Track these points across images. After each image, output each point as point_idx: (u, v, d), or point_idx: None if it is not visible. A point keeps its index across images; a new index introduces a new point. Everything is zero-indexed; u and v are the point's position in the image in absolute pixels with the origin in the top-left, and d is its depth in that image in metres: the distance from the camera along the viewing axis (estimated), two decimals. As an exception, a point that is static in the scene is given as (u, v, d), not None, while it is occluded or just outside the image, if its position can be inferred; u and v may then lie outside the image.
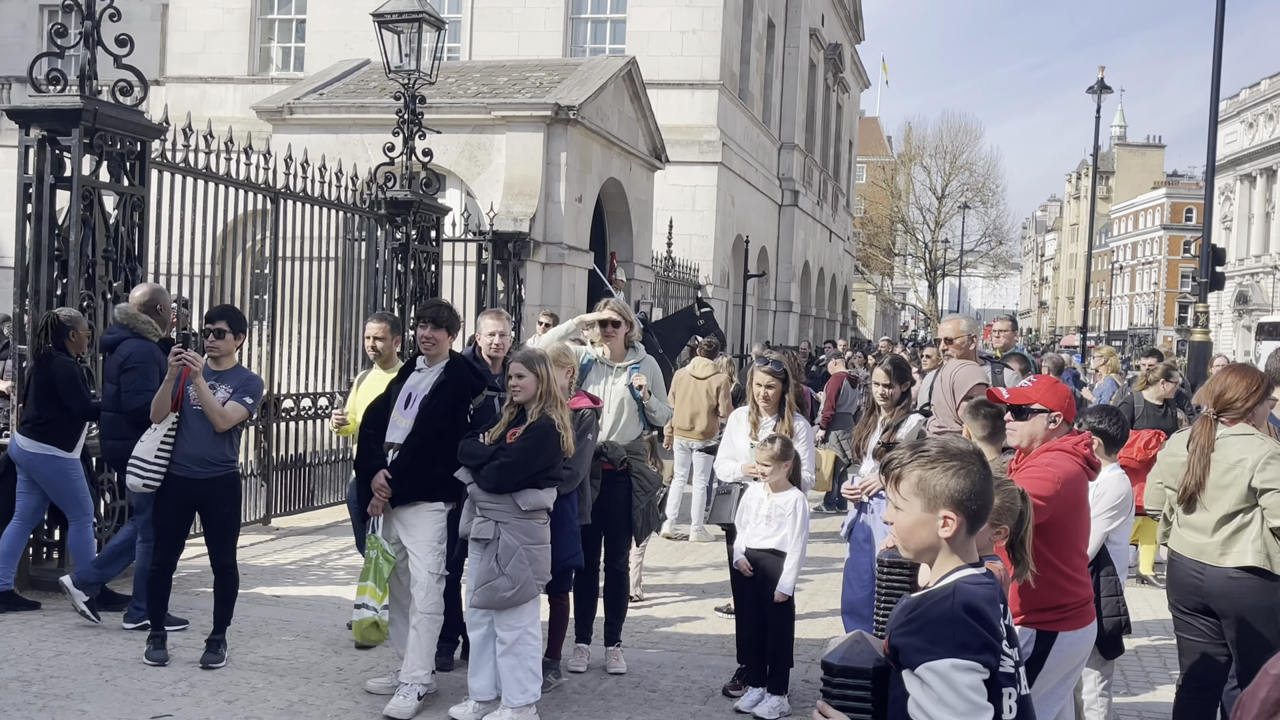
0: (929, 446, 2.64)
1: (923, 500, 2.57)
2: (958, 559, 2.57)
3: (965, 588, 2.48)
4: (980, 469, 2.59)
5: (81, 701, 5.71)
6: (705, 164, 24.89)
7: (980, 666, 2.37)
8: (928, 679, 2.36)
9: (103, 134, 8.01)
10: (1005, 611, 2.54)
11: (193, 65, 26.64)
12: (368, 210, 11.87)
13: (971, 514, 2.56)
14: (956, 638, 2.37)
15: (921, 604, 2.50)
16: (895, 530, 2.64)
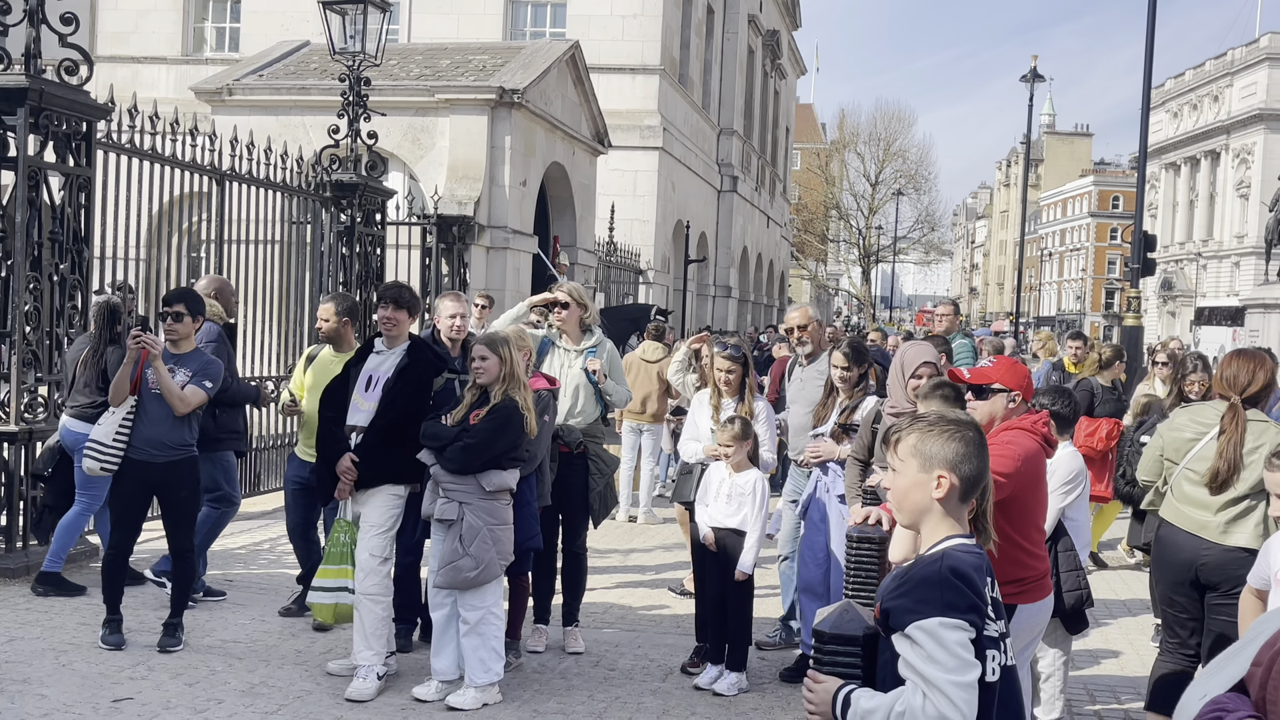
0: (928, 415, 2.78)
1: (918, 461, 2.68)
2: (948, 527, 2.67)
3: (953, 553, 2.59)
4: (975, 436, 2.70)
5: (40, 686, 5.66)
6: (646, 149, 24.94)
7: (966, 625, 2.47)
8: (917, 637, 2.46)
9: (49, 113, 7.90)
10: (993, 585, 2.63)
11: (124, 45, 26.14)
12: (313, 193, 11.79)
13: (965, 478, 2.67)
14: (944, 598, 2.47)
15: (911, 570, 2.61)
16: (891, 494, 2.75)
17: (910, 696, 2.46)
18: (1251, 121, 65.86)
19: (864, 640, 2.57)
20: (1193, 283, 71.78)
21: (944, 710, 2.41)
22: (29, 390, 7.94)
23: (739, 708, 5.90)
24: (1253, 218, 62.76)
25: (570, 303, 6.87)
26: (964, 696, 2.42)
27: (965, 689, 2.43)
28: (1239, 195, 67.45)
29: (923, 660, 2.44)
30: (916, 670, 2.45)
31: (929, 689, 2.43)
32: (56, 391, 8.13)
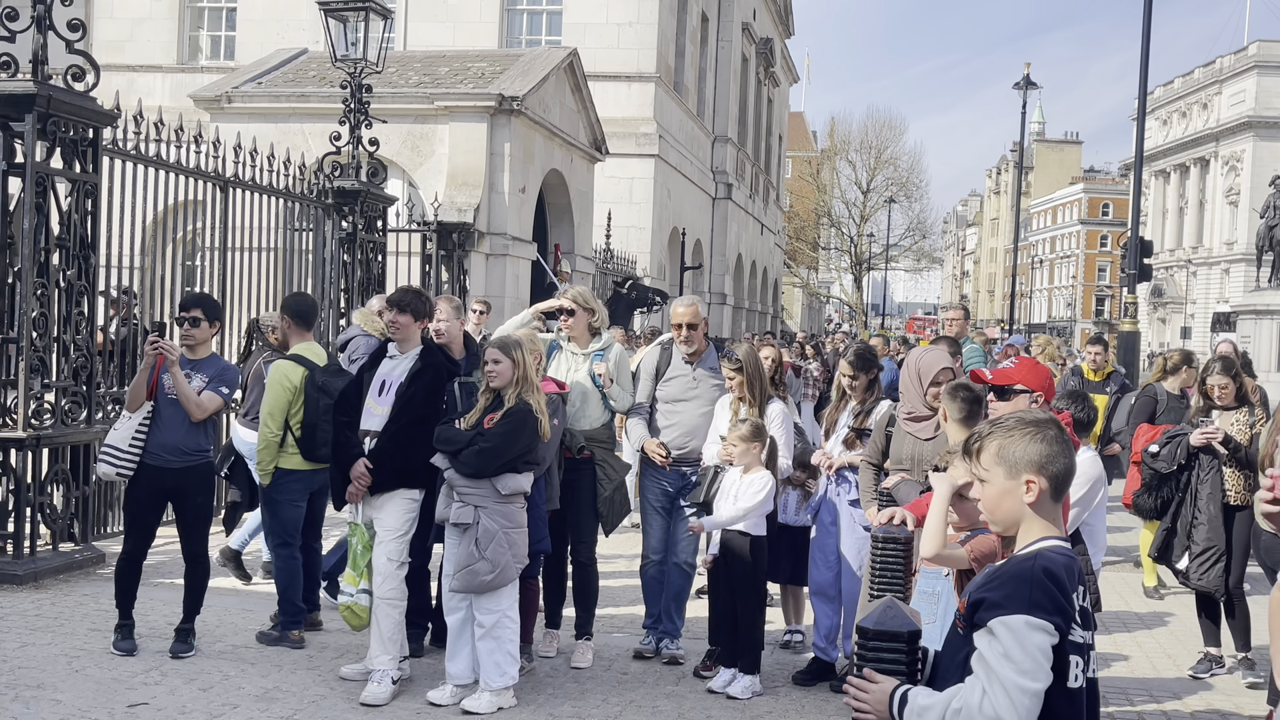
0: (1006, 418, 2.70)
1: (1004, 469, 2.62)
2: (1042, 528, 2.61)
3: (1047, 554, 2.54)
4: (1058, 434, 2.64)
5: (54, 692, 5.65)
6: (642, 156, 24.99)
7: (1051, 629, 2.41)
8: (999, 631, 2.41)
9: (56, 120, 7.91)
10: (1085, 594, 2.57)
11: (120, 53, 26.09)
12: (315, 199, 11.81)
13: (1053, 478, 2.61)
14: (1031, 596, 2.43)
15: (1005, 566, 2.56)
16: (983, 504, 2.67)
17: (968, 694, 2.41)
18: (1240, 129, 66.19)
19: (907, 637, 2.58)
20: (1183, 289, 72.05)
21: (1000, 711, 2.36)
22: (35, 397, 7.93)
23: (753, 711, 5.91)
24: (1242, 224, 63.06)
25: (576, 309, 6.88)
26: (1025, 702, 2.37)
27: (1029, 695, 2.37)
28: (1228, 202, 67.75)
29: (997, 656, 2.39)
30: (987, 663, 2.40)
31: (990, 684, 2.38)
32: (64, 398, 8.12)
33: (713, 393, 6.63)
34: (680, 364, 6.72)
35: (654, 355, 6.84)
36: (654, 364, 6.78)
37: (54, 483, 8.16)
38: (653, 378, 6.77)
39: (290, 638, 6.62)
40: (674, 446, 6.67)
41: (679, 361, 6.73)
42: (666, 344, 6.83)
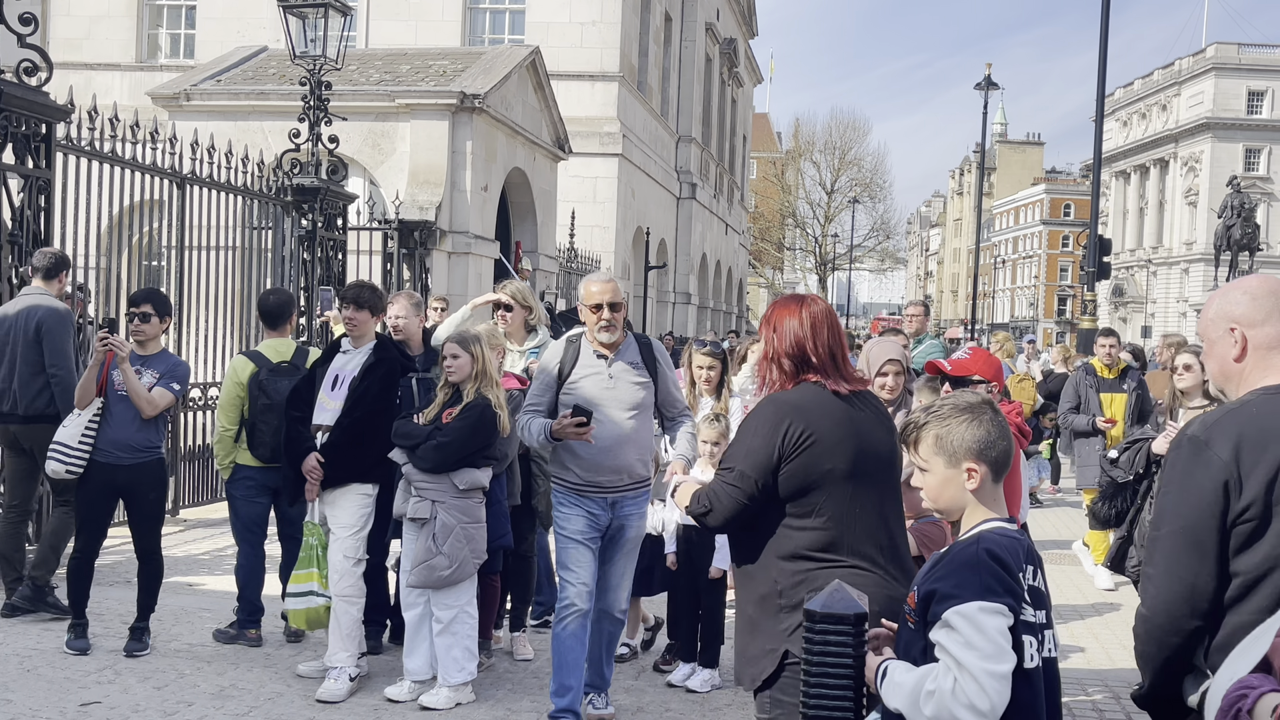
0: (940, 405, 2.69)
1: (944, 457, 2.63)
2: (984, 511, 2.63)
3: (988, 536, 2.55)
4: (993, 415, 2.64)
5: (5, 691, 5.59)
6: (606, 155, 24.98)
7: (1005, 610, 2.42)
8: (955, 622, 2.42)
9: (8, 114, 7.81)
10: (1035, 573, 2.57)
11: (77, 51, 25.81)
12: (274, 197, 11.72)
13: (993, 462, 2.61)
14: (981, 581, 2.43)
15: (949, 554, 2.57)
16: (925, 493, 2.68)
17: (941, 678, 2.43)
18: (1199, 130, 66.98)
19: (854, 619, 2.59)
20: (1143, 289, 72.83)
21: (973, 698, 2.37)
22: (-12, 395, 7.81)
23: (712, 704, 5.92)
24: (1201, 225, 63.85)
25: (514, 305, 6.87)
26: (995, 686, 2.38)
27: (998, 678, 2.38)
28: (1188, 203, 68.55)
29: (959, 645, 2.40)
30: (951, 654, 2.42)
31: (960, 673, 2.39)
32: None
33: (635, 393, 5.32)
34: (591, 359, 5.33)
35: (556, 351, 5.45)
36: (555, 362, 5.38)
37: (6, 482, 8.04)
38: (554, 380, 5.36)
39: (247, 635, 6.56)
40: (591, 467, 5.26)
41: (590, 356, 5.33)
42: (574, 337, 5.42)
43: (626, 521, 5.44)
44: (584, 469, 5.29)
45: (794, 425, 3.30)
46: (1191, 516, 2.58)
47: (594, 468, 5.29)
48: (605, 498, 5.34)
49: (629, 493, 5.41)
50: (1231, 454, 2.55)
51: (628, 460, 5.35)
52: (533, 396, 5.43)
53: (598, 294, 5.30)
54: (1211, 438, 2.59)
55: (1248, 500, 2.53)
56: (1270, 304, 2.65)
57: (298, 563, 6.00)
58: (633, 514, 5.47)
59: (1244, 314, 2.67)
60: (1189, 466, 2.61)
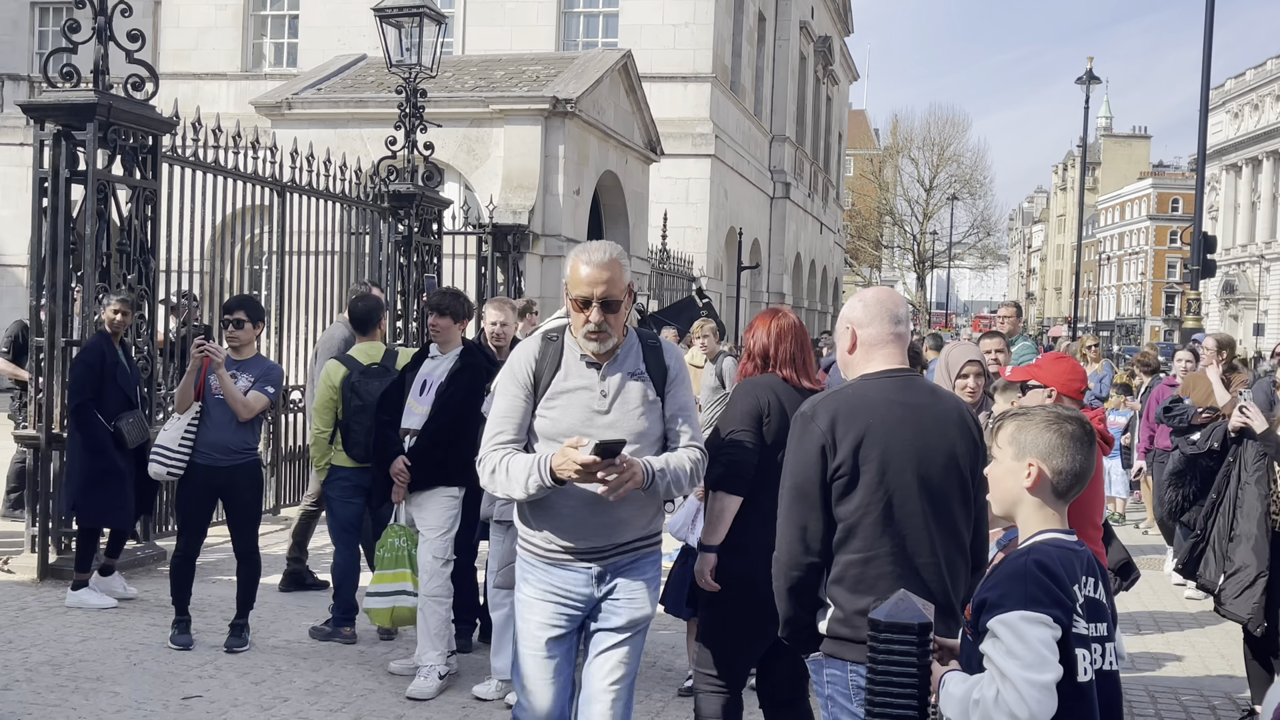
0: (1035, 407, 2.75)
1: (1014, 449, 2.67)
2: (1042, 520, 2.63)
3: (1041, 547, 2.56)
4: (1076, 431, 2.64)
5: (112, 684, 5.82)
6: (698, 157, 25.00)
7: (1050, 621, 2.43)
8: (998, 631, 2.44)
9: (116, 128, 8.11)
10: (1096, 585, 2.57)
11: (186, 62, 26.64)
12: (371, 203, 11.98)
13: (1057, 471, 2.62)
14: (1026, 591, 2.44)
15: (1001, 564, 2.59)
16: (990, 481, 2.74)
17: (985, 687, 2.45)
18: (1315, 121, 64.68)
19: (919, 629, 2.60)
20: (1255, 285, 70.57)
21: (1013, 707, 2.38)
22: (98, 398, 8.12)
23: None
24: (1317, 219, 61.61)
25: None
26: (1036, 696, 2.38)
27: (1040, 688, 2.39)
28: (1303, 196, 66.24)
29: (1001, 654, 2.43)
30: (995, 663, 2.44)
31: (1003, 683, 2.41)
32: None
33: (637, 417, 3.81)
34: (578, 367, 3.81)
35: (526, 352, 3.87)
36: (526, 368, 3.82)
37: (116, 482, 8.35)
38: (525, 396, 3.82)
39: (342, 633, 6.74)
40: (571, 526, 3.77)
41: (575, 363, 3.82)
42: (554, 333, 3.89)
43: (623, 600, 3.84)
44: (561, 528, 3.77)
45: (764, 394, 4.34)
46: (800, 475, 3.29)
47: (576, 526, 3.76)
48: (590, 568, 3.81)
49: (626, 557, 3.84)
50: (828, 425, 3.27)
51: (625, 513, 3.79)
52: (497, 421, 3.80)
53: (586, 282, 3.72)
54: (816, 413, 3.31)
55: (839, 460, 3.25)
56: (876, 310, 3.42)
57: (384, 563, 6.15)
58: (633, 589, 3.85)
59: (856, 317, 3.44)
60: (799, 435, 3.32)
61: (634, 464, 3.62)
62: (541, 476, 3.63)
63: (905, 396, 3.36)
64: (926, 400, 3.41)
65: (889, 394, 3.35)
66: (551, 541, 3.82)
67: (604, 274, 3.70)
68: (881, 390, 3.35)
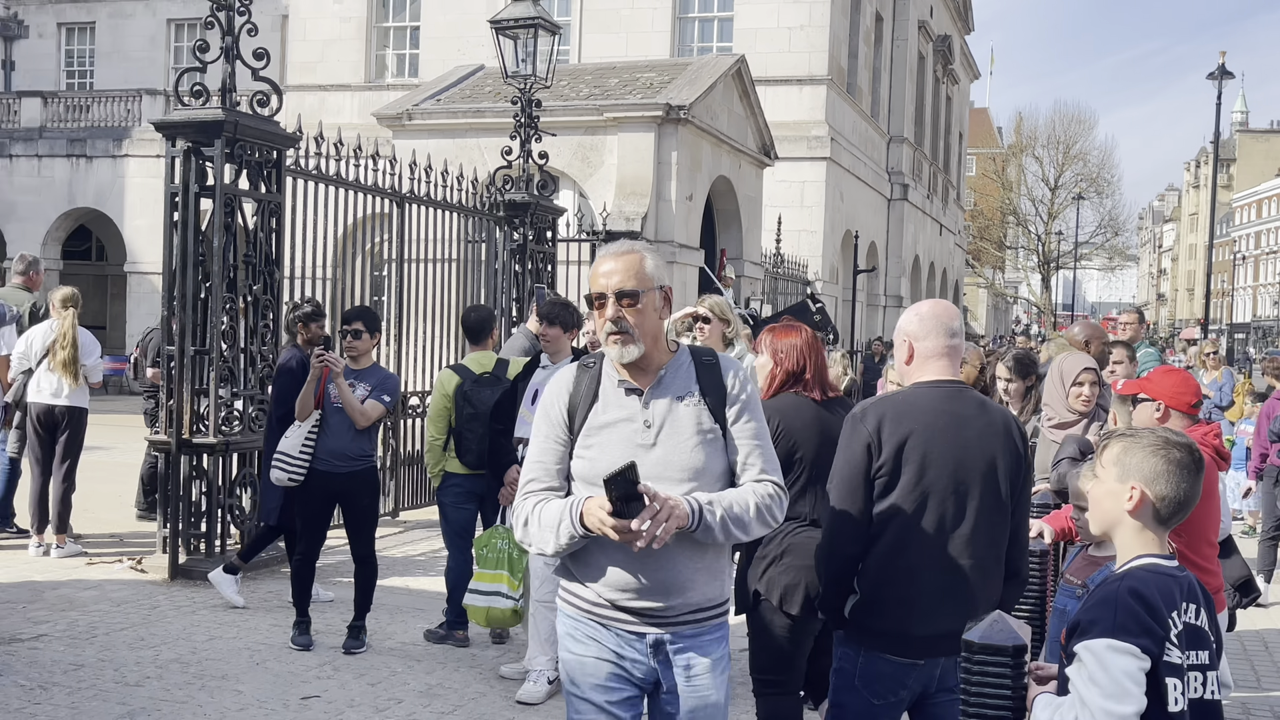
0: (1146, 429, 2.72)
1: (1117, 470, 2.63)
2: (1141, 544, 2.59)
3: (1137, 573, 2.52)
4: (1183, 458, 2.59)
5: (236, 682, 6.04)
6: (814, 159, 24.86)
7: (1138, 651, 2.39)
8: (1084, 657, 2.42)
9: (243, 144, 8.41)
10: (1199, 612, 2.52)
11: (311, 74, 27.45)
12: (487, 213, 12.20)
13: (1160, 497, 2.57)
14: (1115, 619, 2.41)
15: (1098, 589, 2.56)
16: (1090, 499, 2.72)
17: (1065, 712, 2.43)
18: None
19: (1013, 651, 2.58)
20: (1404, 285, 67.33)
21: None
22: (225, 405, 8.45)
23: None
24: None
25: (711, 318, 6.97)
26: None
27: (1117, 719, 2.36)
28: None
29: (1084, 681, 2.40)
30: (1077, 689, 2.42)
31: (1082, 710, 2.39)
32: (251, 406, 8.63)
33: (691, 452, 3.15)
34: (616, 395, 3.23)
35: (562, 383, 3.30)
36: (560, 402, 3.26)
37: (241, 485, 8.68)
38: (562, 432, 3.24)
39: (456, 636, 6.88)
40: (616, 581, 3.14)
41: (614, 390, 3.23)
42: (591, 360, 3.33)
43: (684, 678, 3.18)
44: (605, 582, 3.16)
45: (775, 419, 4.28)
46: (847, 470, 3.53)
47: (621, 582, 3.14)
48: (642, 635, 3.17)
49: (686, 627, 3.17)
50: (875, 426, 3.51)
51: (679, 571, 3.14)
52: (529, 467, 3.25)
53: (600, 275, 3.21)
54: (866, 414, 3.55)
55: (882, 459, 3.48)
56: (932, 323, 3.63)
57: (485, 561, 6.27)
58: (695, 672, 3.18)
59: (913, 330, 3.66)
60: (849, 435, 3.56)
61: (673, 500, 2.99)
62: (573, 524, 3.03)
63: (952, 406, 3.55)
64: (973, 411, 3.59)
65: (937, 402, 3.55)
66: (600, 596, 3.17)
67: (617, 263, 3.20)
68: (930, 399, 3.56)
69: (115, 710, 5.55)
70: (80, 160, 26.64)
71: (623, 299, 3.15)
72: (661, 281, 3.23)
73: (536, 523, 3.15)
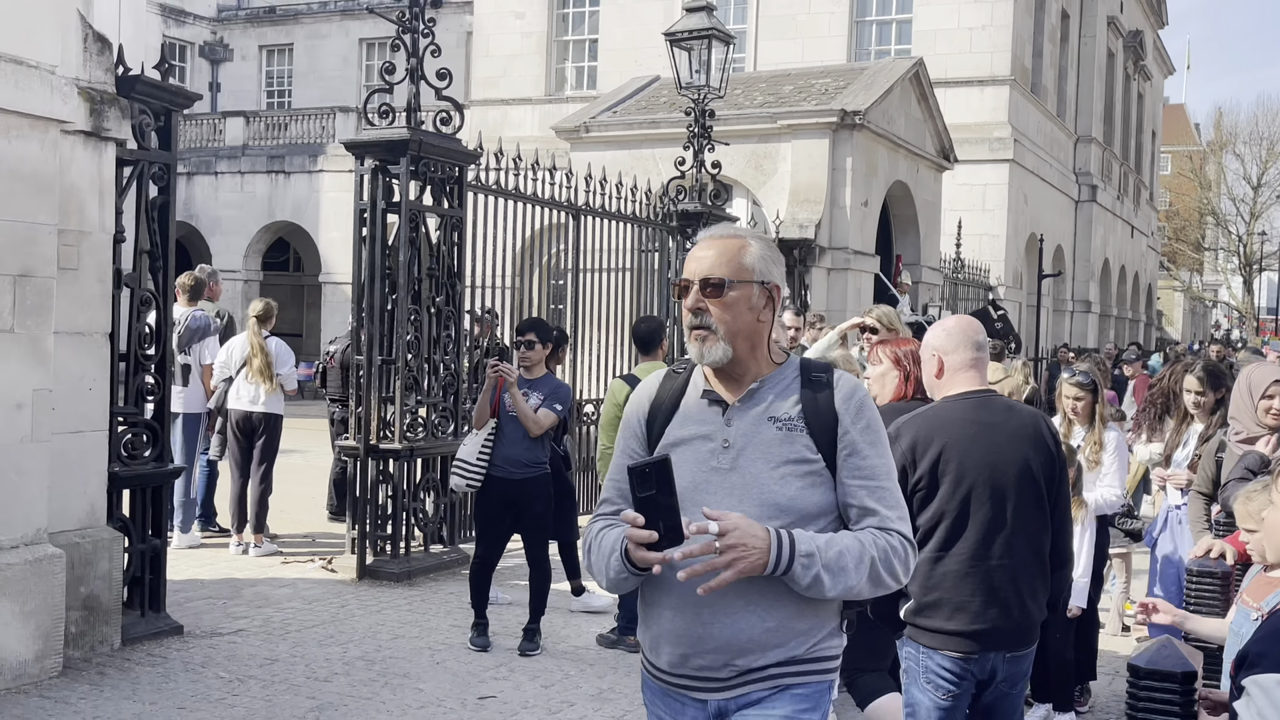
0: None
1: None
2: None
3: None
4: None
5: (417, 681, 6.29)
6: (995, 162, 24.28)
7: None
8: (1251, 690, 2.34)
9: (426, 161, 8.74)
10: None
11: (494, 88, 28.20)
12: (660, 223, 12.35)
13: None
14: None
15: (1270, 621, 2.49)
16: (1264, 527, 2.64)
17: None
18: None
19: (1181, 678, 2.52)
20: None
21: None
22: (410, 412, 8.79)
23: (1081, 743, 5.72)
24: None
25: (879, 328, 6.90)
26: None
27: None
28: None
29: (1251, 715, 2.32)
30: None
31: None
32: (434, 413, 8.95)
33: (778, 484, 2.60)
34: (698, 405, 2.74)
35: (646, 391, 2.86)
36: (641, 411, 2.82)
37: (425, 490, 9.01)
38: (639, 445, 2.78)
39: (627, 641, 7.00)
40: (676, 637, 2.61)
41: (695, 404, 2.74)
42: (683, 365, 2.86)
43: None
44: (657, 634, 2.65)
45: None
46: None
47: (671, 634, 2.62)
48: (703, 702, 2.64)
49: (758, 687, 2.59)
50: (909, 445, 3.73)
51: (748, 628, 2.57)
52: (607, 485, 2.82)
53: (693, 260, 2.73)
54: (900, 434, 3.73)
55: (918, 475, 3.71)
56: (960, 338, 3.86)
57: None
58: None
59: (942, 345, 3.89)
60: None
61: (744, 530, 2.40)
62: (622, 559, 2.52)
63: (980, 415, 3.80)
64: (1001, 418, 3.83)
65: (965, 414, 3.79)
66: (655, 652, 2.65)
67: (711, 248, 2.70)
68: (958, 410, 3.81)
69: (305, 704, 5.85)
70: (279, 176, 28.01)
71: (707, 288, 2.64)
72: (766, 276, 2.69)
73: (597, 551, 2.65)
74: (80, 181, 6.31)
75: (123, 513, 6.77)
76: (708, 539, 2.39)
